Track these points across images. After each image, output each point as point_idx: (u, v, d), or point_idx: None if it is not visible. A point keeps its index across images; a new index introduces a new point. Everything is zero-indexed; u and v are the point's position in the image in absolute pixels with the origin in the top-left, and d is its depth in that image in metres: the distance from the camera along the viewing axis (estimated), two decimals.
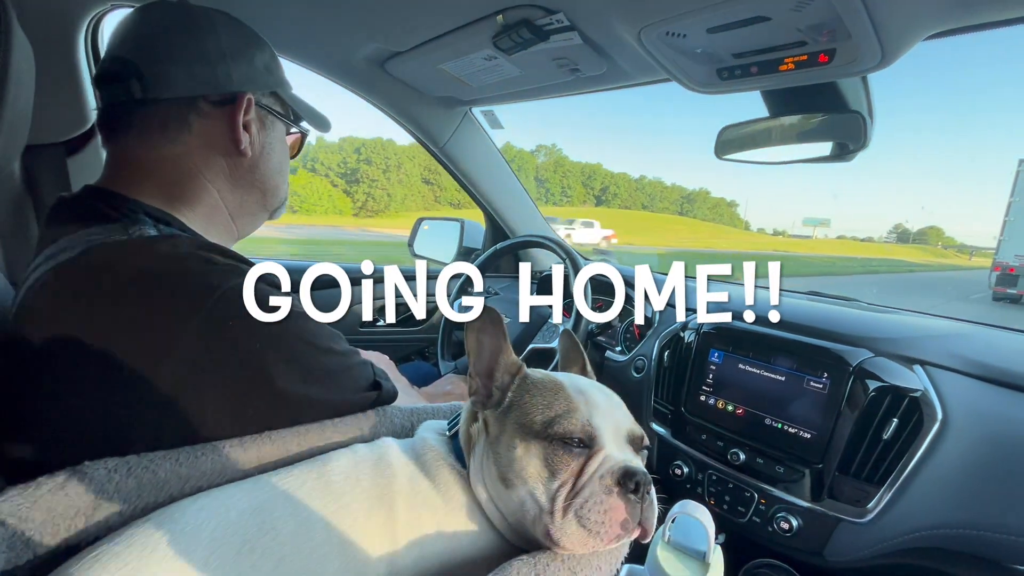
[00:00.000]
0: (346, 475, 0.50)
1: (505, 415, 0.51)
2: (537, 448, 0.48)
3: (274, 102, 0.74)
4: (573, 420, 0.48)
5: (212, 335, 0.51)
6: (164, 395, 0.49)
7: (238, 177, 0.71)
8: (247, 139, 0.69)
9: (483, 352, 0.54)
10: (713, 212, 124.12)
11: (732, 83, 0.91)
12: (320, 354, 0.59)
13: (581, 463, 0.47)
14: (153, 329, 0.50)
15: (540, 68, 1.17)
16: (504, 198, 1.80)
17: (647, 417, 1.18)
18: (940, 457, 0.80)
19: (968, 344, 0.92)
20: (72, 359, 0.49)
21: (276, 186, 0.77)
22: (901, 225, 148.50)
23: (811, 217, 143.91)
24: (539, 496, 0.47)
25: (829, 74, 0.82)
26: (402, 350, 1.76)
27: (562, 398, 0.50)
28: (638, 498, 0.45)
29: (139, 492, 0.46)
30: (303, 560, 0.42)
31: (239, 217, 0.74)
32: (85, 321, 0.50)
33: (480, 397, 0.55)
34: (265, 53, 0.72)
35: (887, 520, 0.81)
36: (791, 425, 0.95)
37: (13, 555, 0.39)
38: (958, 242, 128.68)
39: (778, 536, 0.92)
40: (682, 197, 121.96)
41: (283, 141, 0.77)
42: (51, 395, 0.49)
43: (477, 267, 1.49)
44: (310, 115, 0.80)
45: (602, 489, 0.45)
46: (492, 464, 0.50)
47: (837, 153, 0.96)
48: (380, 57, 1.26)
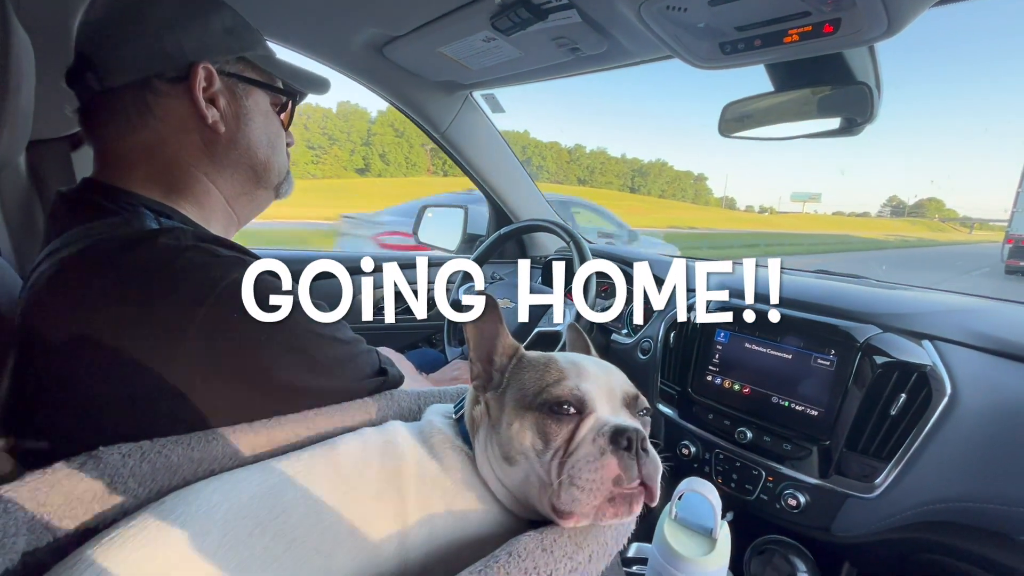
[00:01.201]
0: (355, 459, 0.51)
1: (503, 395, 0.52)
2: (530, 419, 0.49)
3: (246, 68, 0.67)
4: (561, 387, 0.49)
5: (217, 329, 0.51)
6: (174, 389, 0.50)
7: (219, 156, 0.67)
8: (215, 113, 0.64)
9: (481, 338, 0.55)
10: (673, 187, 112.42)
11: (735, 57, 0.89)
12: (325, 344, 0.59)
13: (572, 428, 0.47)
14: (159, 324, 0.50)
15: (540, 48, 1.15)
16: (507, 183, 1.79)
17: (654, 399, 1.18)
18: (948, 431, 0.80)
19: (977, 318, 0.91)
20: (79, 355, 0.49)
21: (266, 160, 0.71)
22: (896, 198, 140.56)
23: (800, 192, 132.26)
24: (537, 467, 0.47)
25: (835, 44, 0.80)
26: (409, 338, 1.77)
27: (553, 369, 0.51)
28: (631, 455, 0.45)
29: (153, 476, 0.46)
30: (315, 541, 0.43)
31: (235, 200, 0.70)
32: (90, 318, 0.50)
33: (481, 381, 0.55)
34: (224, 15, 0.65)
35: (895, 495, 0.81)
36: (798, 403, 0.95)
37: (34, 538, 0.40)
38: (959, 214, 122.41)
39: (786, 513, 0.92)
40: (634, 171, 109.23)
41: (266, 110, 0.70)
42: (64, 390, 0.50)
43: (482, 252, 1.49)
44: (295, 76, 0.73)
45: (594, 449, 0.45)
46: (495, 444, 0.51)
47: (845, 127, 0.94)
48: (378, 42, 1.24)
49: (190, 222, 0.64)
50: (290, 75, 0.72)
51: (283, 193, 0.76)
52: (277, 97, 0.72)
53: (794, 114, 1.01)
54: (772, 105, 1.02)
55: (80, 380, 0.49)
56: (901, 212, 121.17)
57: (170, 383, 0.50)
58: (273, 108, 0.72)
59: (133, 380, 0.49)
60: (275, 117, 0.72)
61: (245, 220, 0.74)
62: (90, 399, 0.50)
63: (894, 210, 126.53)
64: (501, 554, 0.41)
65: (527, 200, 1.84)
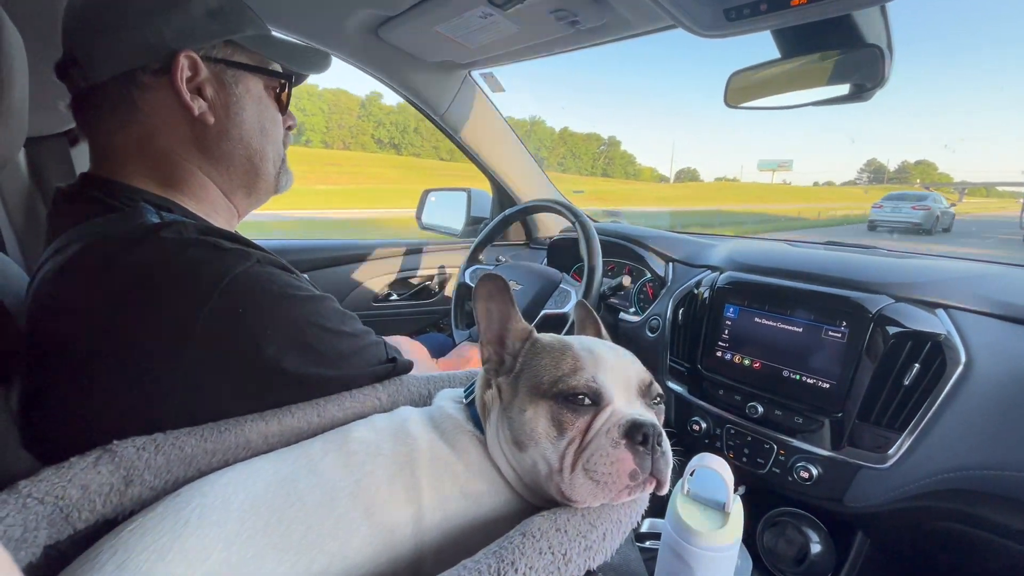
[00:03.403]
0: (367, 445, 0.51)
1: (516, 380, 0.52)
2: (545, 408, 0.48)
3: (235, 52, 0.63)
4: (578, 377, 0.48)
5: (223, 323, 0.50)
6: (183, 383, 0.50)
7: (212, 149, 0.64)
8: (202, 104, 0.61)
9: (492, 320, 0.54)
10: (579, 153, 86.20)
11: (740, 24, 0.86)
12: (332, 337, 0.58)
13: (588, 420, 0.47)
14: (166, 320, 0.50)
15: (538, 23, 1.12)
16: (509, 164, 1.77)
17: (663, 376, 1.18)
18: (963, 400, 0.79)
19: (992, 285, 0.90)
20: (88, 353, 0.49)
21: (261, 150, 0.67)
22: (876, 161, 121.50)
23: (767, 159, 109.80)
24: (549, 455, 0.47)
25: (844, 5, 0.77)
26: (417, 323, 1.78)
27: (569, 357, 0.50)
28: (647, 449, 0.45)
29: (168, 468, 0.47)
30: (330, 527, 0.44)
31: (233, 194, 0.68)
32: (97, 315, 0.50)
33: (493, 364, 0.55)
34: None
35: (908, 465, 0.81)
36: (809, 376, 0.94)
37: (54, 531, 0.41)
38: (954, 179, 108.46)
39: (798, 485, 0.92)
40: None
41: (259, 95, 0.66)
42: (74, 387, 0.50)
43: (486, 235, 1.48)
44: (290, 56, 0.68)
45: (609, 443, 0.45)
46: (506, 428, 0.51)
47: (855, 92, 0.91)
48: (373, 23, 1.22)
49: (191, 214, 0.63)
50: (285, 55, 0.68)
51: (282, 187, 0.73)
52: (272, 80, 0.68)
53: (802, 81, 0.98)
54: (779, 73, 0.99)
55: (90, 377, 0.49)
56: (881, 178, 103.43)
57: (179, 377, 0.50)
58: (270, 91, 0.68)
59: (143, 375, 0.49)
60: (270, 102, 0.68)
61: (245, 212, 0.72)
62: (101, 395, 0.50)
63: (874, 176, 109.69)
64: (515, 535, 0.41)
65: (530, 181, 1.82)
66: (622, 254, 1.49)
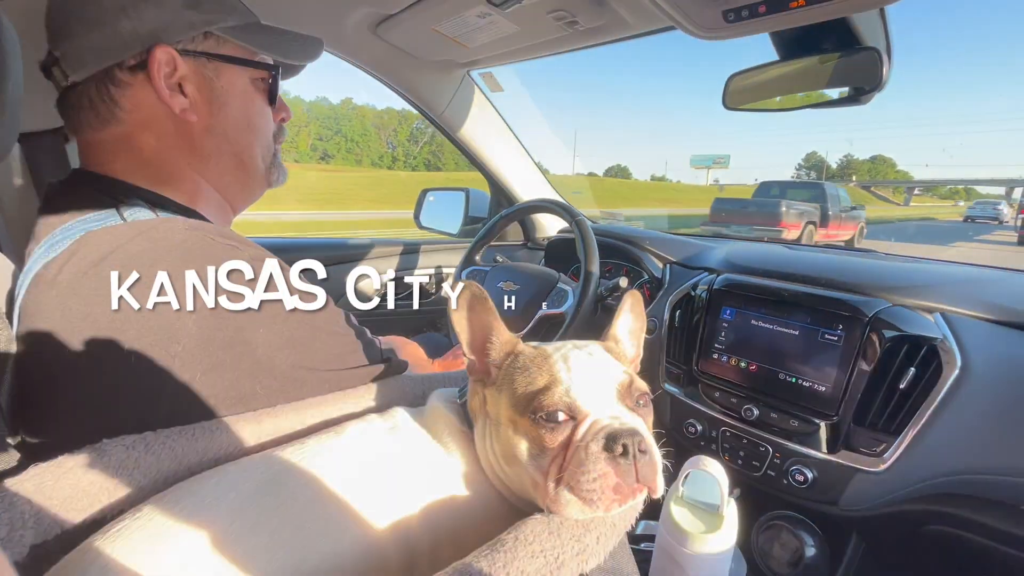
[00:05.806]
0: (358, 445, 0.51)
1: (499, 394, 0.50)
2: (524, 427, 0.47)
3: (218, 44, 0.61)
4: (552, 393, 0.46)
5: (215, 321, 0.50)
6: (175, 382, 0.50)
7: (197, 145, 0.62)
8: (182, 101, 0.59)
9: (472, 330, 0.52)
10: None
11: (740, 26, 0.86)
12: (325, 337, 0.58)
13: (567, 435, 0.45)
14: (157, 317, 0.49)
15: (537, 22, 1.12)
16: (508, 164, 1.77)
17: (659, 378, 1.18)
18: (959, 403, 0.79)
19: (988, 289, 0.90)
20: (80, 351, 0.49)
21: (249, 145, 0.65)
22: (816, 155, 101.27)
23: (701, 155, 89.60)
24: (533, 473, 0.46)
25: (844, 8, 0.77)
26: (413, 323, 1.77)
27: (544, 371, 0.48)
28: (628, 460, 0.43)
29: (159, 467, 0.46)
30: (320, 527, 0.43)
31: (225, 189, 0.67)
32: (89, 312, 0.49)
33: (478, 375, 0.54)
34: None
35: (904, 468, 0.81)
36: (805, 379, 0.94)
37: (42, 530, 0.41)
38: (913, 176, 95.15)
39: (793, 488, 0.92)
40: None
41: (244, 89, 0.64)
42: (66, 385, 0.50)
43: (483, 235, 1.47)
44: (277, 46, 0.65)
45: (589, 457, 0.43)
46: (494, 442, 0.50)
47: (853, 95, 0.91)
48: (371, 21, 1.21)
49: (185, 210, 0.62)
50: (272, 45, 0.65)
51: (274, 182, 0.71)
52: (258, 72, 0.65)
53: (801, 84, 0.98)
54: (778, 75, 0.99)
55: (80, 375, 0.49)
56: (820, 176, 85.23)
57: (171, 376, 0.49)
58: (257, 84, 0.66)
59: (134, 374, 0.49)
60: (256, 95, 0.66)
61: (240, 208, 0.72)
62: (92, 394, 0.50)
63: (812, 171, 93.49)
64: (508, 537, 0.41)
65: (529, 181, 1.81)
66: (619, 255, 1.48)
